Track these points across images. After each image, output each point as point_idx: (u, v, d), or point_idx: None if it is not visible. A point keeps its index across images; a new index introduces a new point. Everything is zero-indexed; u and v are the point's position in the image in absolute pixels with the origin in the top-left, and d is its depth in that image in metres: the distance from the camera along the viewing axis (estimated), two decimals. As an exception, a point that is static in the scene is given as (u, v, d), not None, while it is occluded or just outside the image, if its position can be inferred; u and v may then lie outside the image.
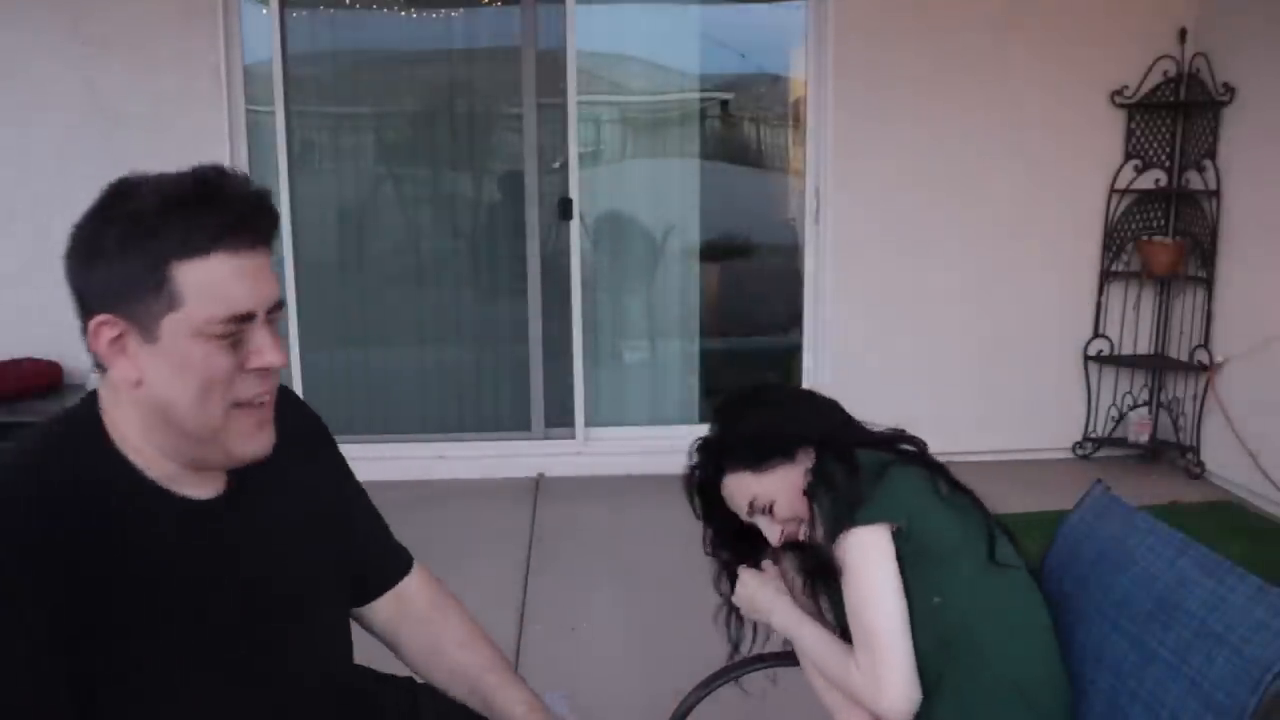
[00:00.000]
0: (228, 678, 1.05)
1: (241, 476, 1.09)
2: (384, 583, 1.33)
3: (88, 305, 0.98)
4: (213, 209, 0.96)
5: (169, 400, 0.99)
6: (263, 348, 1.00)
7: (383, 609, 1.33)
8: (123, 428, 1.02)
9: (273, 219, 1.02)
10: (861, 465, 1.40)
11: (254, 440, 1.04)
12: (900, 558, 1.36)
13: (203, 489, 1.07)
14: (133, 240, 0.95)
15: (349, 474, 1.31)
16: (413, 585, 1.35)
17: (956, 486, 1.44)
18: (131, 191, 0.97)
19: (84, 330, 0.99)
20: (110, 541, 0.98)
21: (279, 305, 1.03)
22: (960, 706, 1.34)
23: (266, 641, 1.10)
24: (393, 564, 1.35)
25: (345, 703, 1.23)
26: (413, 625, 1.33)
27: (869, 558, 1.35)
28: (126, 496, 1.01)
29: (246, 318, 0.98)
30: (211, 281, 0.96)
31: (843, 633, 1.45)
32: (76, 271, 0.98)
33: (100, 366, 1.01)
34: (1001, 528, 1.44)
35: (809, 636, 1.48)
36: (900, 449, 1.48)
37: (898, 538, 1.36)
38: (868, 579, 1.35)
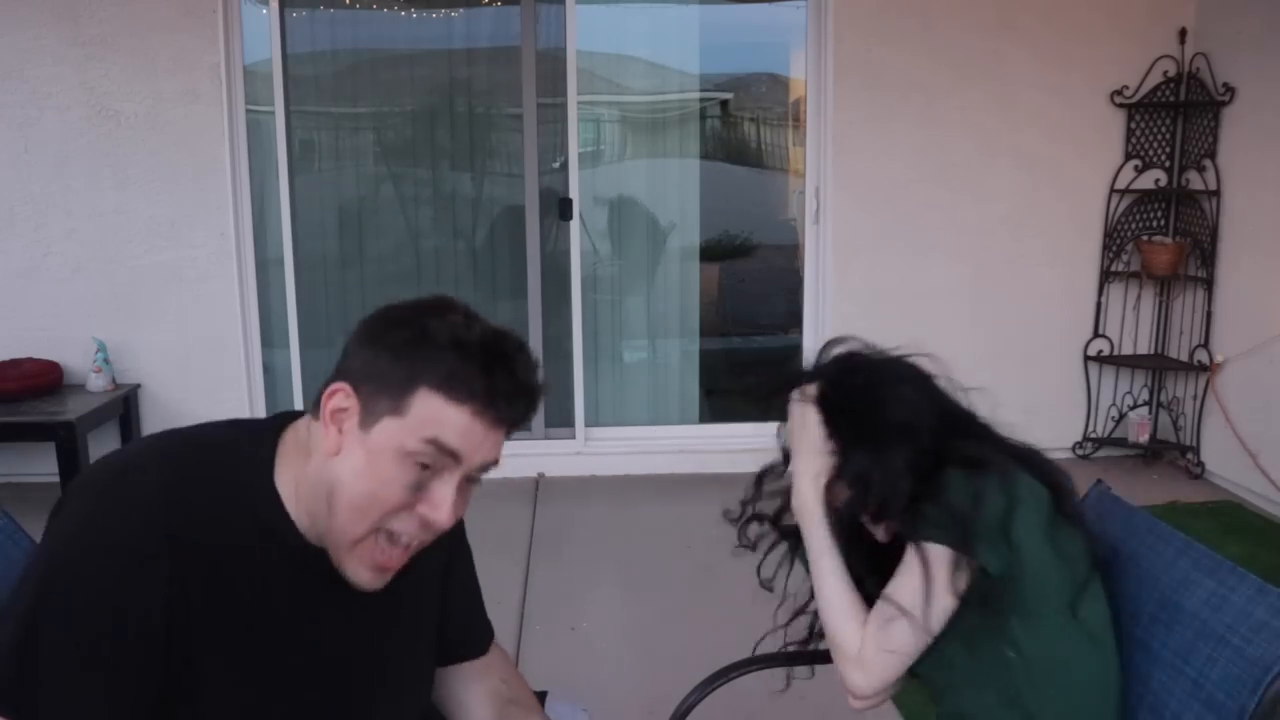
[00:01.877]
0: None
1: None
2: (461, 654, 1.30)
3: (342, 371, 1.03)
4: (488, 376, 1.01)
5: (342, 487, 1.01)
6: (442, 504, 1.03)
7: (453, 676, 1.30)
8: (295, 468, 1.05)
9: (528, 415, 1.06)
10: (988, 479, 1.27)
11: (366, 573, 1.05)
12: (984, 598, 1.25)
13: None
14: (409, 351, 1.00)
15: (465, 549, 1.31)
16: (490, 661, 1.33)
17: (1073, 520, 1.31)
18: (443, 313, 1.04)
19: (324, 389, 1.04)
20: (233, 561, 1.00)
21: (486, 469, 1.06)
22: None
23: (350, 689, 1.10)
24: (476, 639, 1.32)
25: None
26: (479, 695, 1.30)
27: (946, 581, 1.24)
28: (262, 528, 1.03)
29: (451, 454, 1.01)
30: (440, 419, 1.00)
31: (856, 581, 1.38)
32: (358, 343, 1.04)
33: (314, 414, 1.05)
34: (1098, 566, 1.32)
35: (828, 572, 1.35)
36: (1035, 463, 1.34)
37: (986, 579, 1.24)
38: (936, 595, 1.24)
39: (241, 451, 1.06)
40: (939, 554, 1.24)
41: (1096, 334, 4.42)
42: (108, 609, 0.92)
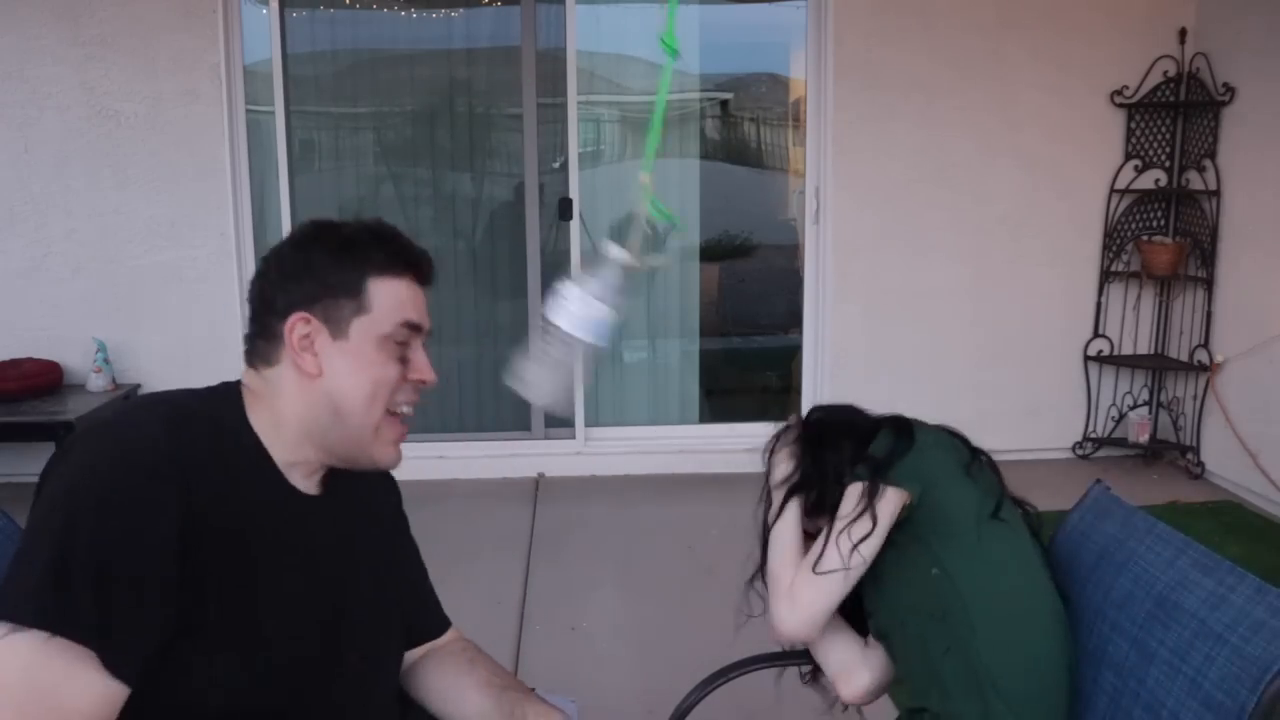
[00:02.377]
0: (288, 660, 1.10)
1: (332, 487, 1.20)
2: (422, 635, 1.38)
3: (283, 307, 1.12)
4: (404, 248, 1.18)
5: (343, 394, 1.13)
6: (424, 365, 1.19)
7: (411, 656, 1.37)
8: (266, 414, 1.14)
9: (434, 272, 1.22)
10: (900, 433, 1.49)
11: (393, 451, 1.19)
12: (906, 525, 1.42)
13: (305, 484, 1.17)
14: (344, 255, 1.14)
15: (407, 525, 1.40)
16: (446, 638, 1.41)
17: (976, 456, 1.51)
18: (334, 226, 1.18)
19: (262, 327, 1.14)
20: (224, 493, 1.06)
21: (430, 333, 1.21)
22: (955, 678, 1.37)
23: (334, 635, 1.16)
24: (434, 620, 1.41)
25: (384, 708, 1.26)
26: (439, 668, 1.36)
27: (865, 511, 1.42)
28: (249, 463, 1.12)
29: (417, 328, 1.17)
30: (397, 297, 1.15)
31: None
32: (279, 283, 1.14)
33: (263, 358, 1.14)
34: (1025, 512, 1.51)
35: (782, 526, 1.52)
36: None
37: (908, 507, 1.42)
38: (856, 527, 1.41)
39: (216, 400, 1.15)
40: (856, 489, 1.43)
41: (1096, 334, 4.42)
42: (135, 527, 0.97)
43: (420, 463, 4.26)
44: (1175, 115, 4.30)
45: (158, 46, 3.99)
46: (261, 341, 1.15)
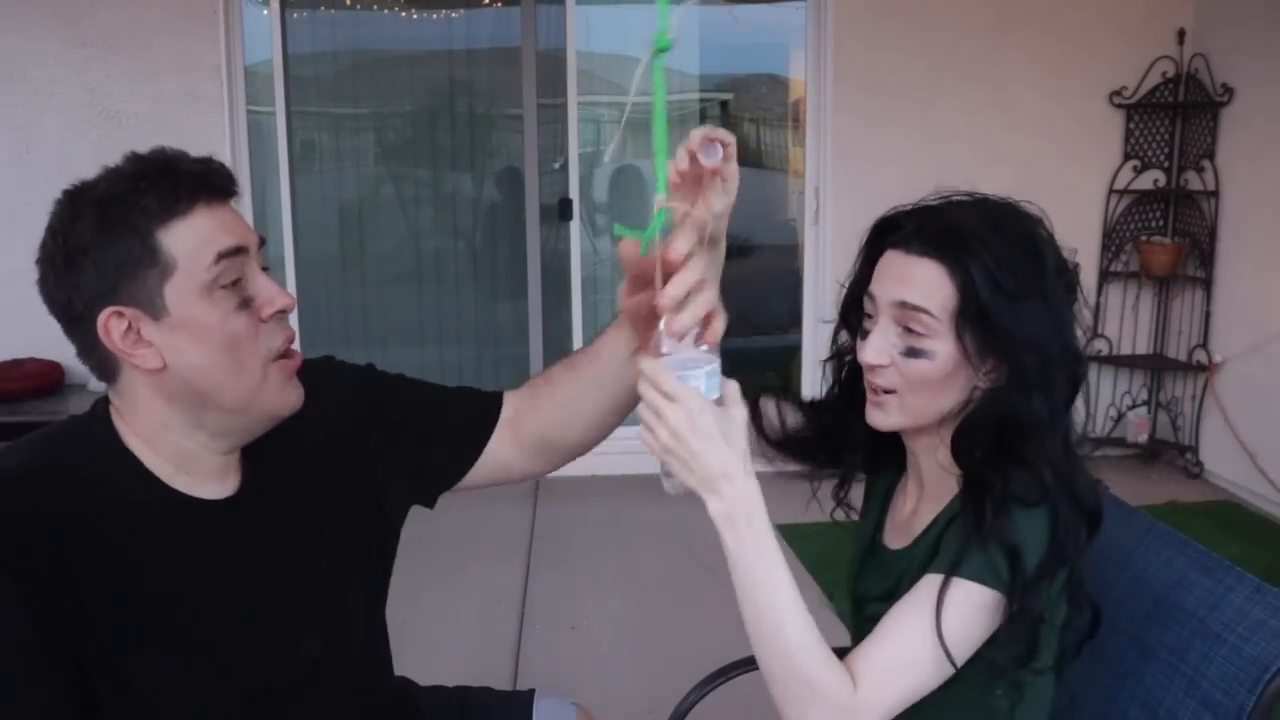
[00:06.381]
0: (233, 680, 1.03)
1: (253, 470, 1.08)
2: (483, 432, 1.23)
3: (85, 310, 0.97)
4: (177, 174, 0.98)
5: (200, 372, 0.97)
6: (270, 293, 1.01)
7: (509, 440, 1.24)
8: (136, 428, 1.01)
9: (230, 176, 1.03)
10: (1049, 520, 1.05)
11: (289, 394, 1.03)
12: (1003, 639, 1.06)
13: (213, 490, 1.05)
14: (111, 221, 0.95)
15: (377, 388, 1.24)
16: (509, 403, 1.25)
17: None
18: (87, 188, 0.98)
19: (82, 343, 0.99)
20: (107, 532, 0.96)
21: (262, 242, 1.04)
22: None
23: (277, 643, 1.07)
24: (481, 411, 1.24)
25: (371, 703, 1.20)
26: (535, 408, 1.23)
27: (977, 620, 1.04)
28: (130, 491, 1.00)
29: (237, 251, 0.98)
30: (198, 236, 0.96)
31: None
32: (60, 282, 0.98)
33: (104, 375, 1.01)
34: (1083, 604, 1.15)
35: (781, 583, 1.00)
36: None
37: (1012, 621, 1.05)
38: (959, 632, 1.02)
39: (78, 432, 1.03)
40: (988, 598, 1.03)
41: (1095, 334, 4.43)
42: None
43: (420, 463, 4.31)
44: (1174, 116, 4.30)
45: (159, 47, 3.99)
46: (89, 358, 1.00)
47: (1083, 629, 1.15)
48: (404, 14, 4.50)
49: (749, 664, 1.64)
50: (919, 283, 1.10)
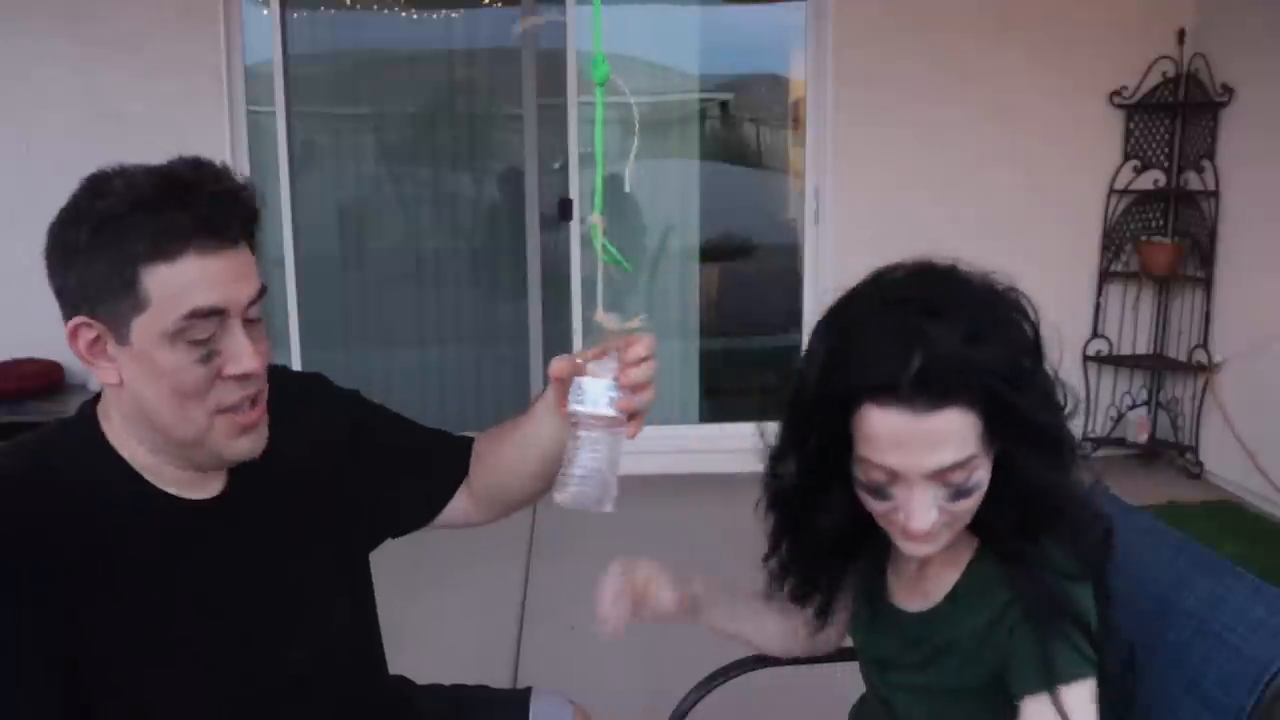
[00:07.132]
0: (224, 682, 1.02)
1: (240, 472, 1.06)
2: (449, 486, 1.30)
3: (66, 306, 0.97)
4: (183, 209, 0.93)
5: (149, 404, 0.97)
6: (239, 353, 0.96)
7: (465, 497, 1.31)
8: (118, 428, 1.02)
9: (248, 215, 0.98)
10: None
11: (240, 443, 1.00)
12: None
13: (199, 490, 1.04)
14: (102, 242, 0.92)
15: (363, 411, 1.26)
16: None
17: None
18: (104, 188, 0.95)
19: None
20: (96, 535, 0.96)
21: (259, 296, 0.99)
22: None
23: (267, 646, 1.06)
24: (449, 467, 1.30)
25: (365, 703, 1.20)
26: (483, 469, 1.33)
27: (1094, 710, 1.01)
28: (117, 494, 1.00)
29: (212, 313, 0.94)
30: (179, 284, 0.92)
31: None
32: (55, 271, 0.98)
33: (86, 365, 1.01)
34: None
35: None
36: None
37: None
38: None
39: (63, 435, 1.04)
40: (1092, 683, 1.00)
41: (1095, 334, 4.43)
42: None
43: (420, 463, 4.31)
44: (1174, 116, 4.30)
45: (159, 47, 3.99)
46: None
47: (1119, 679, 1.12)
48: (404, 14, 4.50)
49: (749, 665, 1.64)
50: (951, 437, 0.98)
